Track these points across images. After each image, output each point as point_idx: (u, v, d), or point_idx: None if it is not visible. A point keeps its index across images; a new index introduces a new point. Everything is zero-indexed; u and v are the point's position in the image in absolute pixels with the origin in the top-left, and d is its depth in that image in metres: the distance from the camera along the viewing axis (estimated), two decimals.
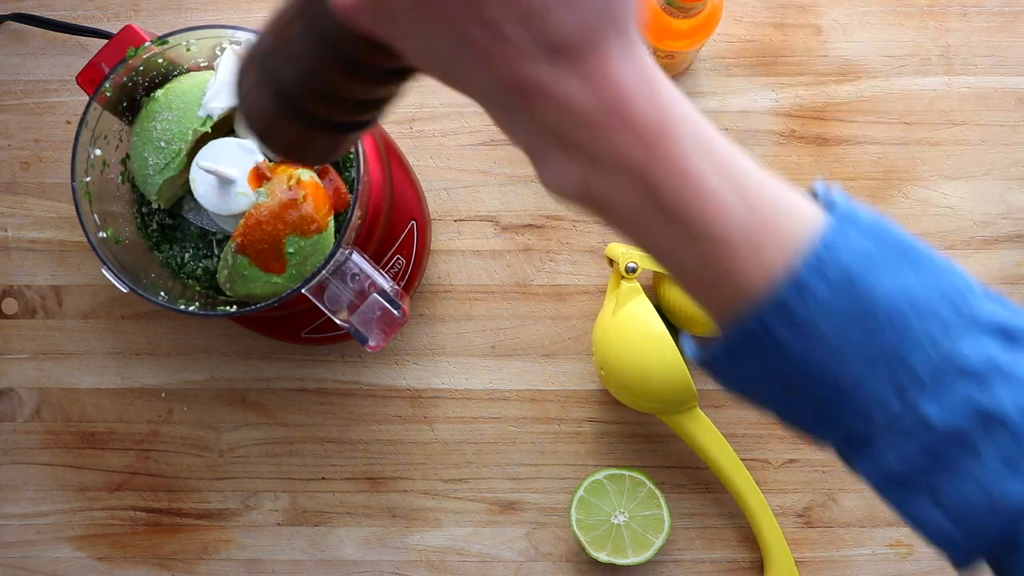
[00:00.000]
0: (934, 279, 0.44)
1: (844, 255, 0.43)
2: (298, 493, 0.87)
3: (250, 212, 0.71)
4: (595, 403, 0.86)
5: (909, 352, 0.43)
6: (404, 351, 0.87)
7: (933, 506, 0.45)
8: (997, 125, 0.86)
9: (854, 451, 0.46)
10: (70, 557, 0.87)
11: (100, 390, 0.87)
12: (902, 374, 0.43)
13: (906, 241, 0.45)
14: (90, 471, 0.87)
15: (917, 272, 0.44)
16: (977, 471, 0.44)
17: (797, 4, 0.86)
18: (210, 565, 0.87)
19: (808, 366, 0.44)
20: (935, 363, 0.43)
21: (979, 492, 0.44)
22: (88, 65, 0.74)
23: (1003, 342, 0.44)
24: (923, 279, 0.44)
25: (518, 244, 0.86)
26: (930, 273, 0.44)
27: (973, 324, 0.44)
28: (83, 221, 0.73)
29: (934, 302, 0.44)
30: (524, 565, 0.86)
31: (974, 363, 0.44)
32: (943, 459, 0.44)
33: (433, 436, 0.86)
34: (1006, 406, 0.44)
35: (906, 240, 0.45)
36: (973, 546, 0.46)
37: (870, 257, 0.43)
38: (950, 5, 0.86)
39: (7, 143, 0.87)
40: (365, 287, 0.72)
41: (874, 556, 0.85)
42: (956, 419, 0.44)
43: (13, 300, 0.87)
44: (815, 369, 0.44)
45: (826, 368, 0.44)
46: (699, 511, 0.86)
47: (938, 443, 0.44)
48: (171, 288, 0.76)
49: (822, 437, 0.46)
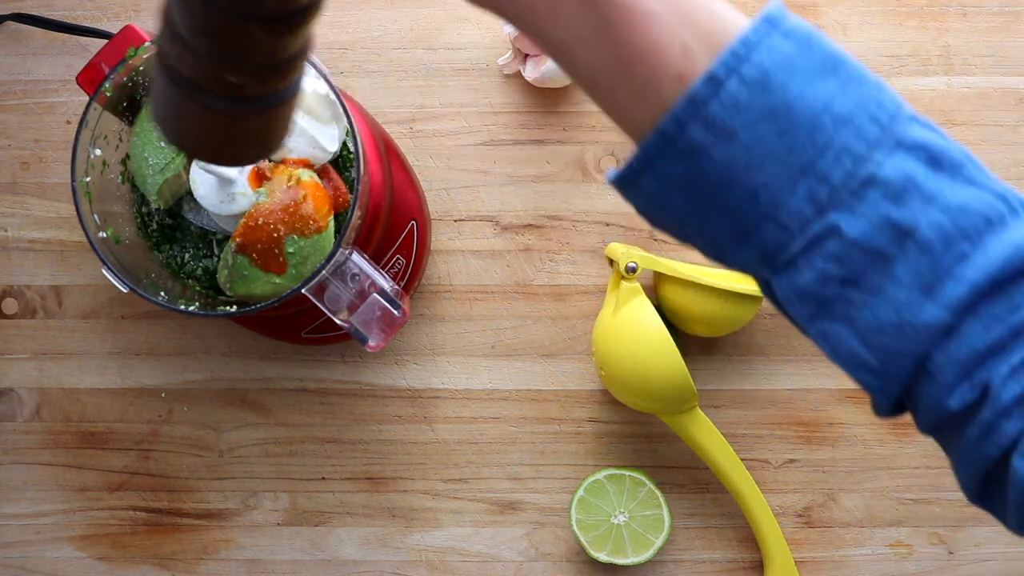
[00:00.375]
0: (860, 93, 0.43)
1: (763, 55, 0.42)
2: (298, 493, 0.87)
3: (250, 212, 0.71)
4: (595, 403, 0.86)
5: (826, 161, 0.42)
6: (404, 351, 0.87)
7: (846, 327, 0.44)
8: (997, 125, 0.86)
9: (772, 271, 0.45)
10: (70, 557, 0.87)
11: (100, 390, 0.87)
12: (818, 183, 0.42)
13: (836, 54, 0.43)
14: (90, 471, 0.87)
15: (843, 85, 0.43)
16: (890, 289, 0.43)
17: (797, 4, 0.86)
18: (210, 565, 0.87)
19: (723, 169, 0.43)
20: (852, 175, 0.42)
21: (891, 312, 0.43)
22: (88, 65, 0.74)
23: (927, 165, 0.43)
24: (848, 91, 0.43)
25: (518, 244, 0.86)
26: (857, 87, 0.43)
27: (896, 142, 0.43)
28: (83, 221, 0.73)
29: (857, 114, 0.43)
30: (524, 565, 0.86)
31: (893, 179, 0.43)
32: (857, 275, 0.43)
33: (433, 436, 0.86)
34: (921, 224, 0.43)
35: (836, 54, 0.43)
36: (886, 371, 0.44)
37: (792, 61, 0.42)
38: (950, 5, 0.86)
39: (7, 143, 0.87)
40: (365, 287, 0.72)
41: (874, 556, 0.85)
42: (870, 233, 0.43)
43: (13, 300, 0.87)
44: (730, 172, 0.43)
45: (741, 172, 0.43)
46: (699, 511, 0.86)
47: (852, 257, 0.43)
48: (171, 288, 0.76)
49: (741, 258, 0.45)
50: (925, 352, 0.44)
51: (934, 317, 0.43)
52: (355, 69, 0.87)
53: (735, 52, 0.42)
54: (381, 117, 0.86)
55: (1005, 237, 0.43)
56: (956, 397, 0.44)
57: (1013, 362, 0.43)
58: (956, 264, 0.43)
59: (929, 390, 0.44)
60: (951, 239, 0.43)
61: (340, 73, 0.86)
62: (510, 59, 0.84)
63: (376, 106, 0.86)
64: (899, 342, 0.44)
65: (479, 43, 0.86)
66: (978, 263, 0.43)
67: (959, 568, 0.85)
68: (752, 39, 0.42)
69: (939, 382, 0.44)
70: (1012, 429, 0.43)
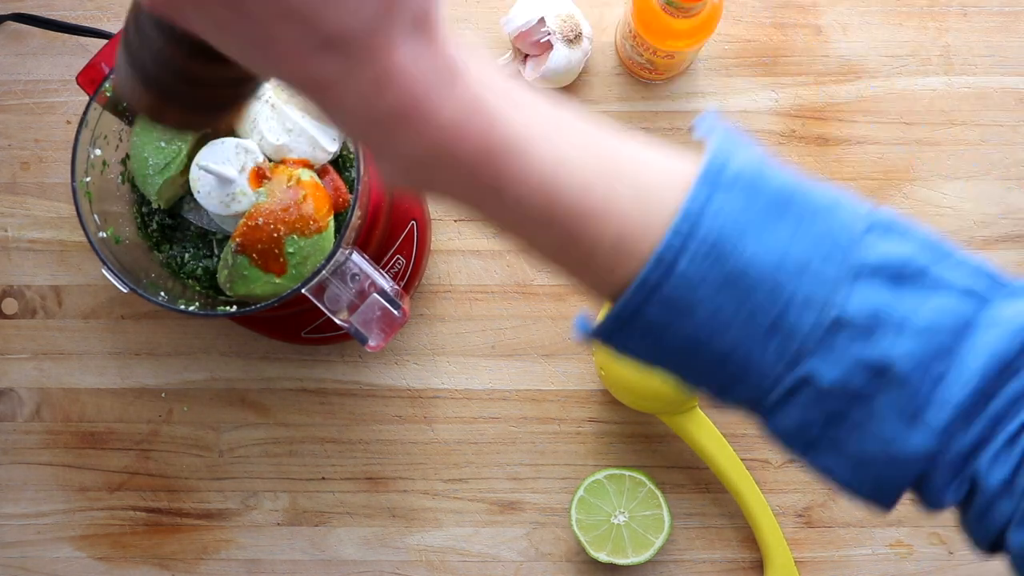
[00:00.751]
0: (813, 230, 0.42)
1: (709, 222, 0.41)
2: (298, 493, 0.87)
3: (250, 212, 0.71)
4: (595, 403, 0.86)
5: (790, 317, 0.42)
6: (404, 351, 0.87)
7: (837, 459, 0.45)
8: (997, 125, 0.86)
9: (758, 414, 0.45)
10: (70, 557, 0.87)
11: (100, 390, 0.87)
12: (785, 340, 0.42)
13: (783, 190, 0.42)
14: (90, 471, 0.87)
15: (796, 226, 0.42)
16: (873, 424, 0.43)
17: (797, 4, 0.86)
18: (210, 565, 0.87)
19: (688, 341, 0.43)
20: (818, 323, 0.42)
21: (878, 445, 0.44)
22: (88, 65, 0.74)
23: (890, 284, 0.43)
24: (801, 233, 0.42)
25: None
26: (810, 224, 0.42)
27: (856, 273, 0.42)
28: (83, 221, 0.73)
29: (813, 259, 0.42)
30: (524, 565, 0.86)
31: (858, 317, 0.42)
32: (837, 416, 0.44)
33: (433, 436, 0.86)
34: (893, 357, 0.42)
35: (783, 189, 0.42)
36: (881, 495, 0.45)
37: (739, 220, 0.41)
38: (950, 5, 0.86)
39: (7, 143, 0.87)
40: (365, 287, 0.72)
41: (874, 556, 0.86)
42: (845, 378, 0.43)
43: (13, 300, 0.87)
44: (695, 343, 0.43)
45: (705, 342, 0.42)
46: (699, 511, 0.86)
47: (829, 402, 0.43)
48: (171, 288, 0.76)
49: (734, 402, 0.45)
50: (919, 474, 0.45)
51: (922, 445, 0.43)
52: None
53: (678, 230, 0.41)
54: None
55: (977, 342, 0.43)
56: (950, 496, 0.45)
57: (994, 449, 0.44)
58: (935, 389, 0.43)
59: (925, 491, 0.45)
60: (926, 364, 0.43)
61: None
62: (510, 59, 0.84)
63: None
64: (889, 472, 0.44)
65: (479, 43, 0.86)
66: (957, 380, 0.43)
67: (959, 568, 0.85)
68: (693, 209, 0.41)
69: (933, 486, 0.45)
70: (1005, 508, 0.44)
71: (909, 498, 0.47)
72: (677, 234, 0.41)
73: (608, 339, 0.44)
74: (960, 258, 0.45)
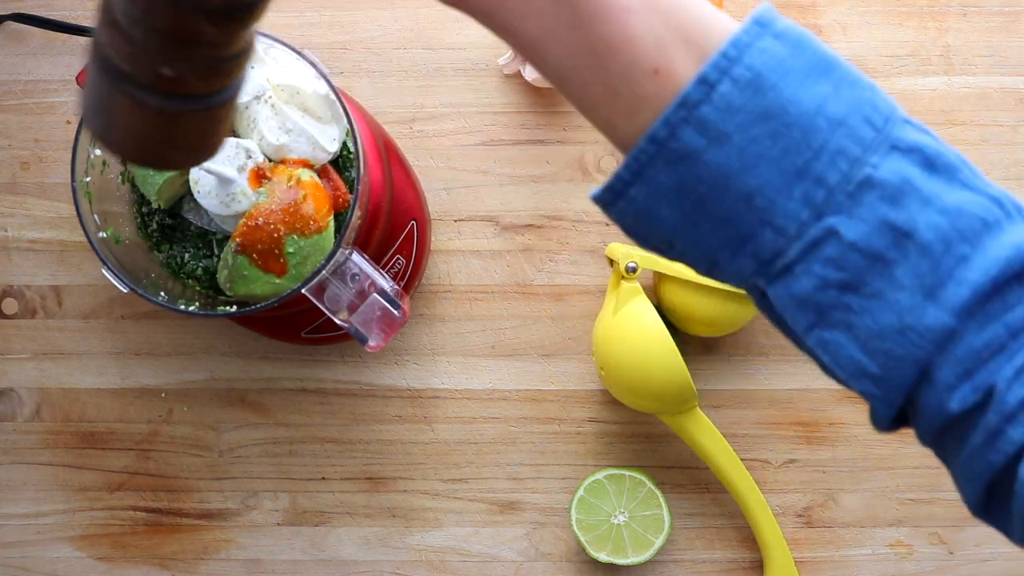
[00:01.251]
0: (854, 95, 0.42)
1: (755, 57, 0.41)
2: (298, 493, 0.87)
3: (250, 212, 0.71)
4: (595, 403, 0.86)
5: (821, 163, 0.42)
6: (404, 351, 0.87)
7: (846, 334, 0.43)
8: (997, 125, 0.86)
9: (768, 280, 0.44)
10: (70, 557, 0.87)
11: (100, 390, 0.87)
12: (814, 186, 0.42)
13: (828, 56, 0.43)
14: (90, 471, 0.87)
15: (836, 87, 0.42)
16: (890, 293, 0.42)
17: (797, 4, 0.86)
18: (210, 565, 0.87)
19: (716, 174, 0.42)
20: (848, 177, 0.42)
21: (892, 316, 0.43)
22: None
23: (923, 168, 0.43)
24: (841, 93, 0.42)
25: (518, 244, 0.86)
26: (850, 89, 0.42)
27: (891, 144, 0.42)
28: (83, 221, 0.73)
29: (851, 116, 0.42)
30: (524, 565, 0.86)
31: (889, 181, 0.42)
32: (856, 279, 0.43)
33: (433, 436, 0.86)
34: (920, 225, 0.42)
35: (828, 56, 0.43)
36: (889, 377, 0.43)
37: (784, 63, 0.41)
38: (950, 5, 0.86)
39: (7, 143, 0.87)
40: (365, 287, 0.72)
41: (874, 556, 0.85)
42: (869, 236, 0.42)
43: (13, 300, 0.87)
44: (724, 177, 0.42)
45: (735, 176, 0.42)
46: (699, 511, 0.86)
47: (851, 261, 0.42)
48: (171, 288, 0.76)
49: (735, 269, 0.44)
50: (928, 357, 0.43)
51: (937, 320, 0.42)
52: (355, 69, 0.87)
53: (726, 54, 0.41)
54: (381, 117, 0.86)
55: (1002, 239, 0.43)
56: (957, 398, 0.43)
57: (1017, 364, 0.42)
58: (956, 267, 0.42)
59: (930, 394, 0.43)
60: (950, 241, 0.42)
61: (340, 73, 0.86)
62: (510, 59, 0.84)
63: (376, 106, 0.86)
64: (902, 347, 0.43)
65: (479, 43, 0.86)
66: (978, 265, 0.42)
67: (959, 568, 0.85)
68: (743, 40, 0.42)
69: (939, 384, 0.43)
70: (1018, 435, 0.42)
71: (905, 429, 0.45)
72: (724, 57, 0.41)
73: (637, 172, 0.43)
74: (988, 179, 0.45)
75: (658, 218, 0.44)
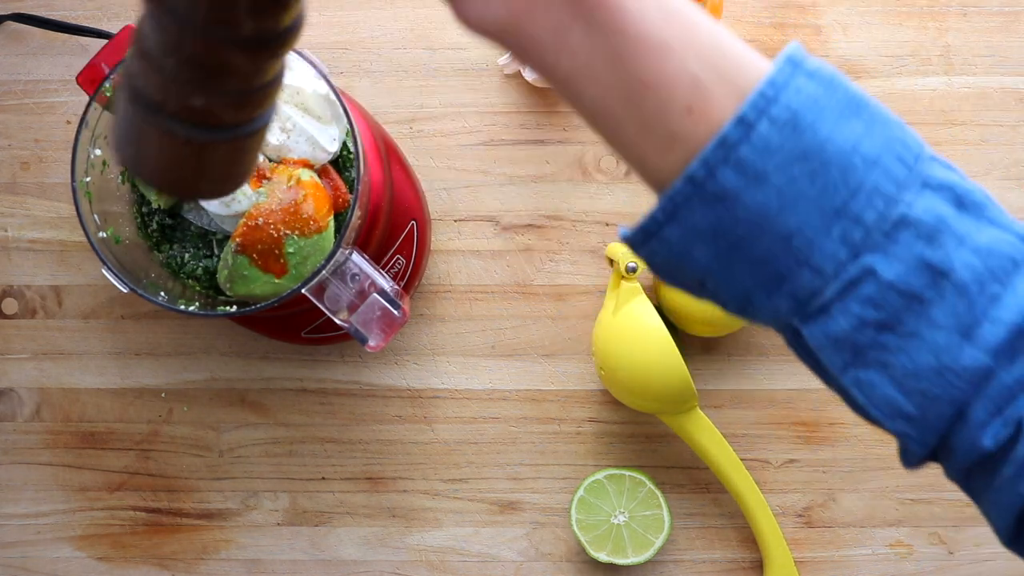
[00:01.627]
0: (885, 133, 0.42)
1: (791, 96, 0.41)
2: (298, 493, 0.87)
3: (250, 212, 0.71)
4: (595, 403, 0.86)
5: (858, 202, 0.42)
6: (404, 351, 0.87)
7: (882, 374, 0.43)
8: (997, 125, 0.86)
9: (803, 319, 0.44)
10: (70, 557, 0.87)
11: (100, 390, 0.87)
12: (852, 225, 0.42)
13: (858, 95, 0.43)
14: (90, 471, 0.87)
15: (868, 125, 0.42)
16: (928, 333, 0.42)
17: (797, 4, 0.86)
18: (210, 565, 0.87)
19: (754, 215, 0.42)
20: (884, 216, 0.42)
21: (930, 356, 0.43)
22: (88, 65, 0.74)
23: (954, 206, 0.43)
24: (874, 132, 0.42)
25: (518, 244, 0.86)
26: (882, 127, 0.43)
27: (923, 182, 0.42)
28: (83, 221, 0.73)
29: (884, 155, 0.42)
30: (524, 565, 0.86)
31: (924, 219, 0.42)
32: (893, 319, 0.43)
33: (433, 436, 0.86)
34: (955, 265, 0.42)
35: (858, 94, 0.43)
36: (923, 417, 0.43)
37: (818, 103, 0.42)
38: (950, 5, 0.86)
39: (7, 143, 0.87)
40: (365, 287, 0.72)
41: (874, 556, 0.85)
42: (906, 275, 0.42)
43: (13, 300, 0.87)
44: (762, 218, 0.42)
45: (774, 217, 0.42)
46: (699, 511, 0.86)
47: (888, 300, 0.42)
48: (171, 288, 0.76)
49: (771, 308, 0.44)
50: (965, 398, 0.43)
51: (975, 360, 0.42)
52: (355, 69, 0.87)
53: (763, 94, 0.41)
54: (381, 117, 0.86)
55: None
56: (989, 435, 0.43)
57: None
58: (990, 306, 0.42)
59: (963, 433, 0.44)
60: (984, 281, 0.42)
61: (340, 73, 0.86)
62: (510, 59, 0.84)
63: (376, 106, 0.86)
64: (939, 387, 0.43)
65: (479, 43, 0.86)
66: (1010, 304, 0.42)
67: (959, 568, 0.85)
68: (779, 80, 0.42)
69: (973, 422, 0.43)
70: None
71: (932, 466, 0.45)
72: (762, 96, 0.41)
73: (672, 212, 0.43)
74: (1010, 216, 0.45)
75: (691, 258, 0.44)
